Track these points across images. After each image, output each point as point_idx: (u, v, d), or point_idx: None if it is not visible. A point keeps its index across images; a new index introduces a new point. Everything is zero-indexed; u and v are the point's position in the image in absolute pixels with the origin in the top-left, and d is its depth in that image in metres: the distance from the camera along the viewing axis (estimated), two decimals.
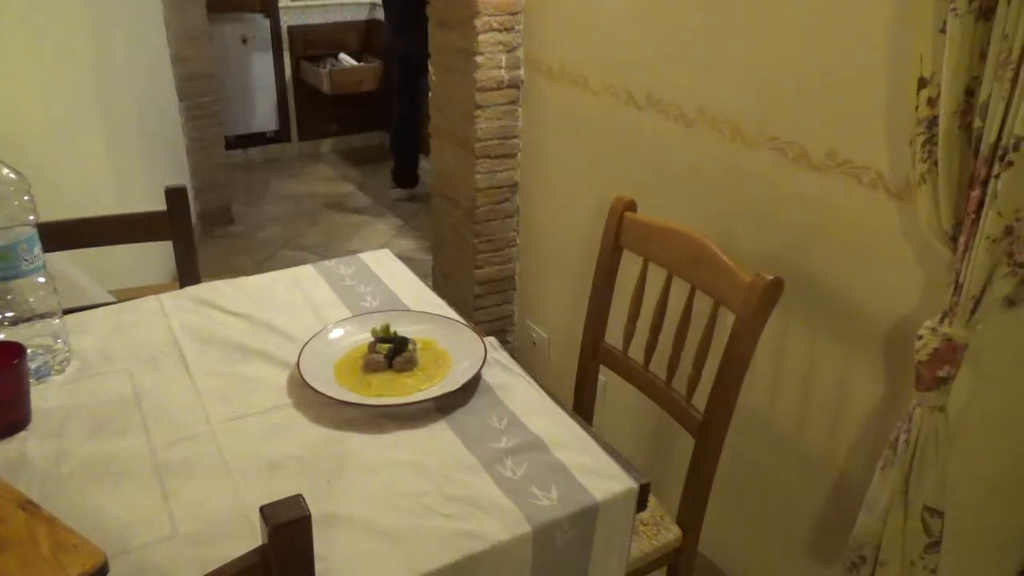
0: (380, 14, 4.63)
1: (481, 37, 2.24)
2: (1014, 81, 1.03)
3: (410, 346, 1.25)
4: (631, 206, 1.55)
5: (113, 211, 1.58)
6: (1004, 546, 1.40)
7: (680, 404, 1.44)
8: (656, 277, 1.51)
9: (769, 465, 1.73)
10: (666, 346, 1.49)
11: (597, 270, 1.60)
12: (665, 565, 1.46)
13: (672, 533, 1.43)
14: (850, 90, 1.41)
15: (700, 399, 1.40)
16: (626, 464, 1.06)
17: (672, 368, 1.48)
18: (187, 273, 1.60)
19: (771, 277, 1.25)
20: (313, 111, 5.06)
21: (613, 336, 1.62)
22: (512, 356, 1.31)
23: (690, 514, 1.43)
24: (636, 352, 1.57)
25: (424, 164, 4.29)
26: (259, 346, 1.30)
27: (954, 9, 1.08)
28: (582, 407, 1.67)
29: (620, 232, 1.55)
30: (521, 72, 2.34)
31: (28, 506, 0.89)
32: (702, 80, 1.71)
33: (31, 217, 1.17)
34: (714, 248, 1.37)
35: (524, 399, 1.19)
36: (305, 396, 1.17)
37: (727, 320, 1.34)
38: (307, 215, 4.18)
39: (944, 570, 1.33)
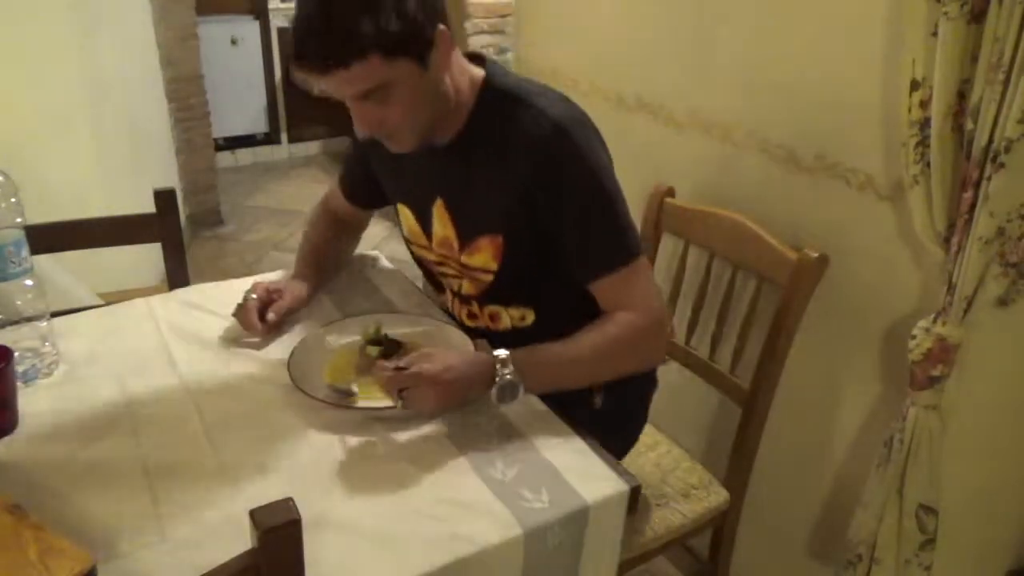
0: None
1: (471, 40, 2.24)
2: (1005, 83, 1.04)
3: (401, 349, 1.24)
4: (670, 192, 1.68)
5: (101, 213, 1.57)
6: (995, 544, 1.40)
7: (725, 376, 1.54)
8: (693, 259, 1.65)
9: (760, 464, 1.73)
10: (708, 322, 1.58)
11: None
12: (713, 527, 1.54)
13: (720, 496, 1.51)
14: (840, 92, 1.41)
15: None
16: (617, 466, 1.06)
17: (714, 343, 1.57)
18: (176, 275, 1.59)
19: (816, 254, 1.36)
20: (303, 113, 5.03)
21: None
22: None
23: (738, 476, 1.52)
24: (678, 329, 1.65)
25: None
26: (249, 349, 1.30)
27: (946, 12, 1.09)
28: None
29: (660, 216, 1.68)
30: None
31: (15, 511, 0.88)
32: (692, 83, 1.72)
33: (19, 219, 1.16)
34: (757, 228, 1.47)
35: (514, 401, 1.19)
36: (295, 399, 1.16)
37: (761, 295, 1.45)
38: (297, 217, 4.16)
39: (938, 568, 1.33)
